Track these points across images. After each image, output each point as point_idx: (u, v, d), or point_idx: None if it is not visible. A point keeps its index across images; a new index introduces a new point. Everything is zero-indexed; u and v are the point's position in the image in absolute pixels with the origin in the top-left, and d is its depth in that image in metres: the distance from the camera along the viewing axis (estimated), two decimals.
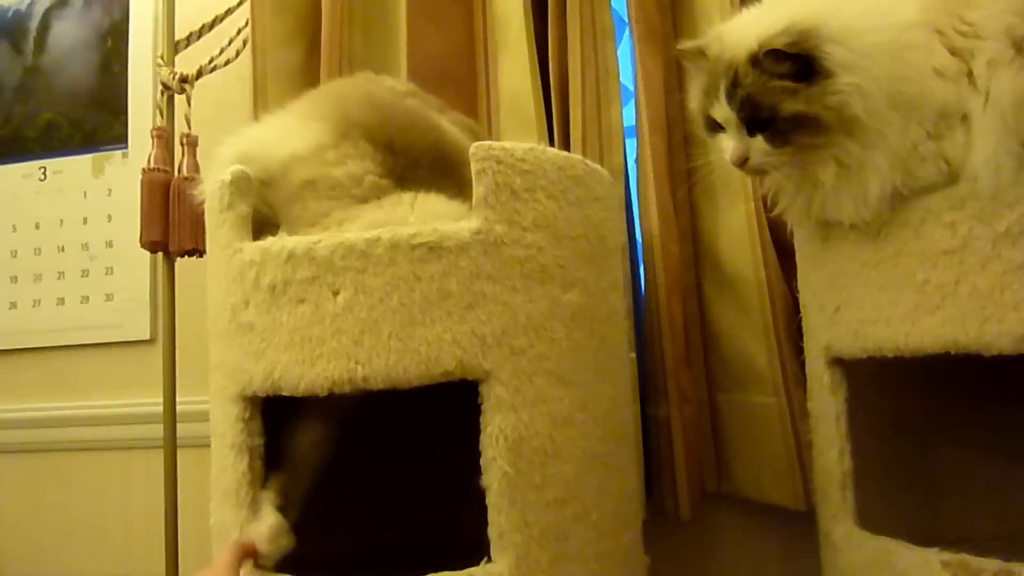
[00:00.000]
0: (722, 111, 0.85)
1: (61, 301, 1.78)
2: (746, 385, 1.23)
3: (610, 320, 0.95)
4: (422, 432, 1.08)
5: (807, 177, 0.84)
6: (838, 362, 0.91)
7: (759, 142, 0.83)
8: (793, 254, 1.03)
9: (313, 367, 0.80)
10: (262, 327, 0.83)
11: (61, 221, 1.80)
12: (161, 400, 1.33)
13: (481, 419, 0.81)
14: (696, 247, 1.30)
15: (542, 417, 0.82)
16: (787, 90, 0.80)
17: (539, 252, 0.85)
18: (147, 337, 1.71)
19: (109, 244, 1.76)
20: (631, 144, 1.32)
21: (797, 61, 0.79)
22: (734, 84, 0.83)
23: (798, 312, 1.03)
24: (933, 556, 0.77)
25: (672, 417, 1.22)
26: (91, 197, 1.79)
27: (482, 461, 0.80)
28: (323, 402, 0.82)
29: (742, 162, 0.85)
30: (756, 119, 0.82)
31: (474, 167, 0.83)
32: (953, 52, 0.78)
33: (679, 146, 1.31)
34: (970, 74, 0.77)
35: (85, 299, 1.76)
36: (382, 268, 0.80)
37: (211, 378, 0.92)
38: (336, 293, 0.81)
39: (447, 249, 0.81)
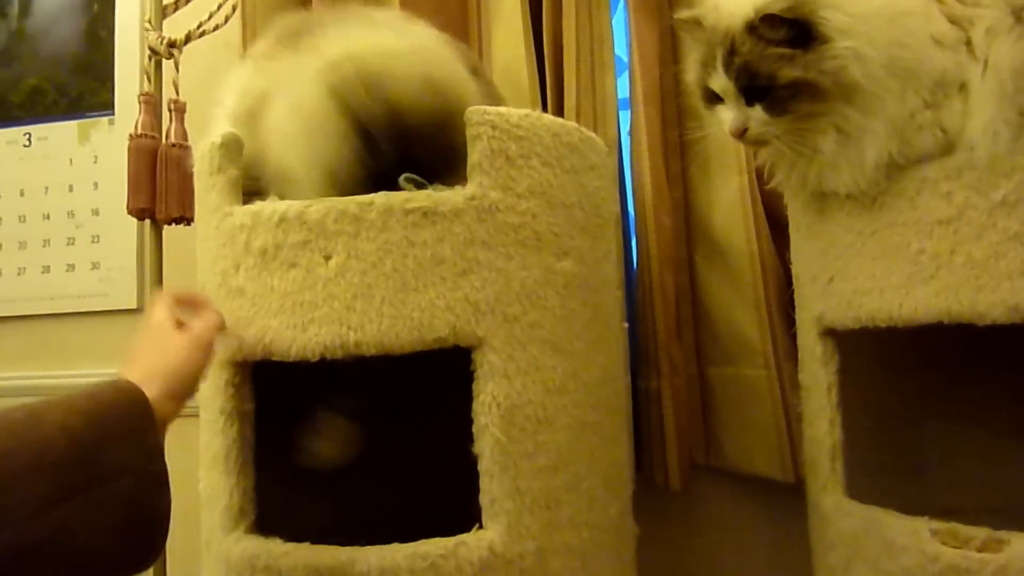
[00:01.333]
0: (720, 81, 0.84)
1: (47, 269, 1.76)
2: (737, 358, 1.23)
3: (603, 289, 0.95)
4: (415, 399, 1.08)
5: (806, 146, 0.83)
6: (830, 333, 0.91)
7: (758, 111, 0.82)
8: (786, 227, 1.03)
9: (304, 332, 0.79)
10: (253, 292, 0.82)
11: (46, 188, 1.77)
12: None
13: (474, 386, 0.80)
14: (689, 220, 1.30)
15: (535, 385, 0.82)
16: (784, 57, 0.79)
17: (533, 219, 0.84)
18: (134, 306, 1.69)
19: (95, 212, 1.74)
20: (625, 116, 1.31)
21: (794, 27, 0.79)
22: (731, 53, 0.82)
23: (790, 285, 1.03)
24: (922, 525, 0.78)
25: (663, 389, 1.23)
26: (77, 164, 1.76)
27: (474, 428, 0.80)
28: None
29: (741, 132, 0.84)
30: (754, 88, 0.81)
31: (469, 132, 0.82)
32: (952, 20, 0.78)
33: (673, 118, 1.30)
34: (969, 42, 0.77)
35: (71, 267, 1.74)
36: (375, 233, 0.79)
37: None
38: (328, 258, 0.80)
39: (441, 215, 0.80)
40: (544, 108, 1.27)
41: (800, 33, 0.78)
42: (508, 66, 1.27)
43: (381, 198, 0.80)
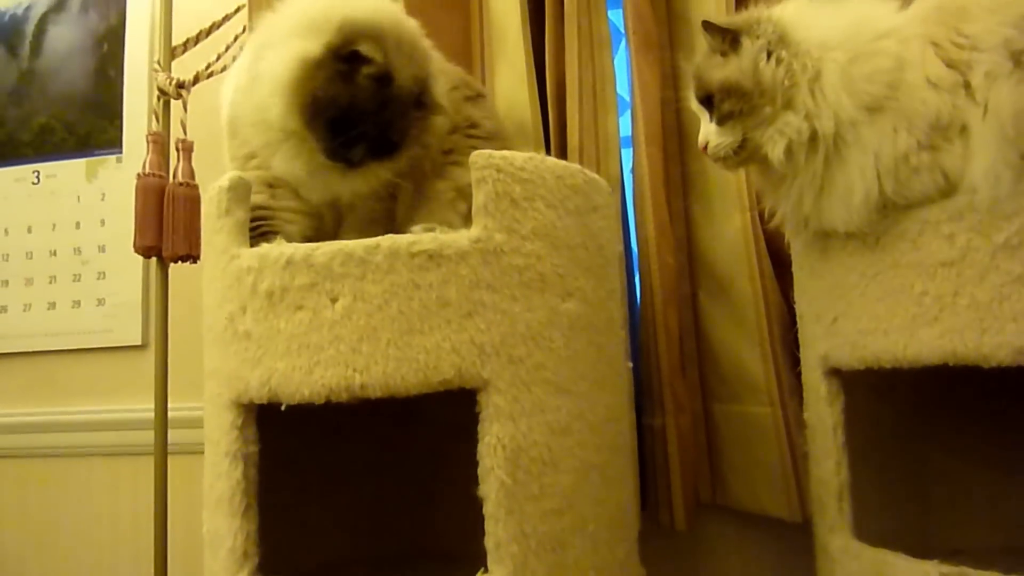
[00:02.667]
0: (694, 101, 0.90)
1: (52, 305, 1.76)
2: (741, 395, 1.23)
3: (608, 329, 0.95)
4: (420, 440, 1.08)
5: (758, 157, 0.86)
6: (835, 373, 0.91)
7: (713, 125, 0.87)
8: (789, 265, 1.03)
9: (311, 375, 0.79)
10: (259, 334, 0.82)
11: (54, 225, 1.79)
12: (151, 406, 1.32)
13: (479, 428, 0.80)
14: (691, 257, 1.31)
15: (540, 426, 0.82)
16: (718, 63, 0.86)
17: (538, 261, 0.85)
18: (138, 342, 1.70)
19: (101, 248, 1.75)
20: (627, 153, 1.32)
21: (726, 33, 0.85)
22: (695, 71, 0.89)
23: (794, 323, 1.04)
24: (932, 568, 0.77)
25: (668, 427, 1.22)
26: (84, 201, 1.78)
27: (479, 471, 0.80)
28: None
29: (705, 147, 0.88)
30: (705, 100, 0.87)
31: (474, 175, 0.83)
32: (949, 64, 0.79)
33: (675, 156, 1.32)
34: (968, 85, 0.78)
35: (76, 303, 1.75)
36: (381, 275, 0.80)
37: (205, 385, 0.91)
38: (334, 300, 0.80)
39: (446, 257, 0.81)
40: (547, 147, 1.28)
41: (733, 40, 0.85)
42: (511, 105, 1.29)
43: (387, 240, 0.81)
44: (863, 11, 0.85)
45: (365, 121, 0.89)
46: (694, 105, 0.91)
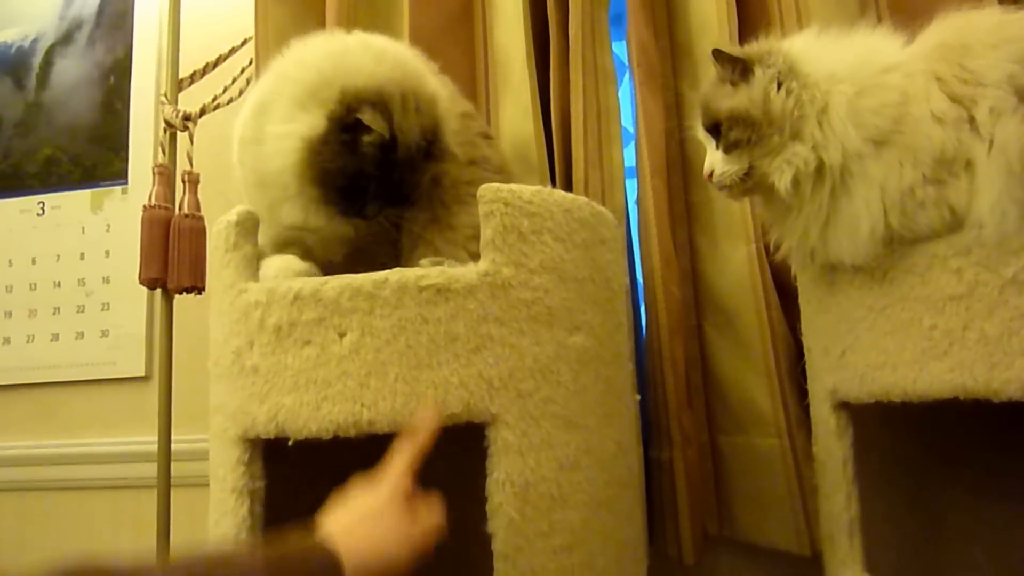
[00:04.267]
0: (700, 129, 0.91)
1: (55, 337, 1.76)
2: (748, 427, 1.22)
3: (615, 363, 0.94)
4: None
5: (765, 186, 0.86)
6: (844, 406, 0.90)
7: (719, 153, 0.87)
8: (795, 296, 1.03)
9: (318, 410, 0.79)
10: (266, 369, 0.82)
11: (58, 256, 1.79)
12: (154, 438, 1.31)
13: (487, 464, 0.80)
14: (697, 289, 1.31)
15: (549, 462, 0.82)
16: (727, 92, 0.86)
17: (546, 295, 0.85)
18: (142, 374, 1.69)
19: (106, 280, 1.76)
20: (631, 184, 1.32)
21: (736, 63, 0.86)
22: (702, 99, 0.89)
23: (801, 354, 1.03)
24: None
25: (675, 460, 1.21)
26: (89, 232, 1.78)
27: (488, 507, 0.79)
28: None
29: (710, 175, 0.88)
30: (712, 128, 0.87)
31: (482, 209, 0.83)
32: (954, 99, 0.80)
33: (679, 187, 1.32)
34: (972, 120, 0.78)
35: (80, 335, 1.75)
36: (389, 310, 0.80)
37: (211, 419, 0.91)
38: (342, 335, 0.80)
39: (455, 291, 0.81)
40: (552, 179, 1.28)
41: (743, 69, 0.86)
42: (517, 138, 1.30)
43: (395, 275, 0.81)
44: (870, 45, 0.86)
45: (375, 183, 0.91)
46: (700, 133, 0.91)
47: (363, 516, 0.70)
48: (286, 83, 0.95)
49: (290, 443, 0.81)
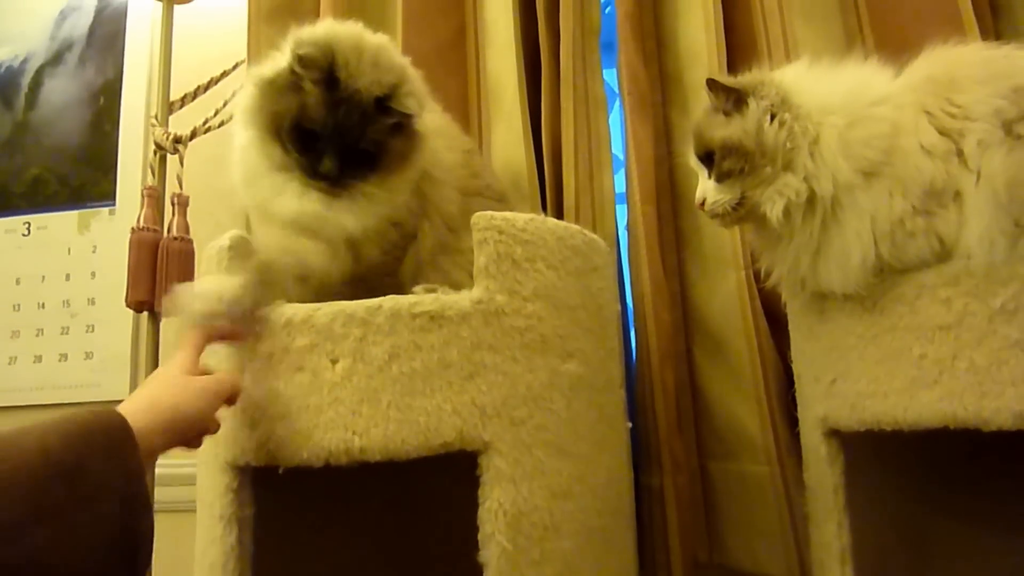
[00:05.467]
0: (691, 157, 0.91)
1: (39, 359, 1.74)
2: (739, 453, 1.22)
3: (607, 390, 0.95)
4: (419, 504, 1.06)
5: (756, 215, 0.87)
6: (835, 434, 0.91)
7: (711, 181, 0.87)
8: (785, 323, 1.04)
9: (309, 438, 0.78)
10: (258, 396, 0.81)
11: (43, 277, 1.77)
12: None
13: (480, 492, 0.79)
14: (686, 314, 1.31)
15: (541, 490, 0.81)
16: (720, 122, 0.87)
17: (539, 322, 0.85)
18: (126, 397, 1.67)
19: (91, 301, 1.74)
20: (622, 209, 1.33)
21: (731, 93, 0.86)
22: (695, 128, 0.91)
23: (791, 381, 1.04)
24: None
25: (666, 487, 1.21)
26: (75, 253, 1.77)
27: (480, 536, 0.78)
28: None
29: (702, 204, 0.89)
30: (705, 156, 0.88)
31: (476, 237, 0.83)
32: (942, 132, 0.81)
33: (668, 213, 1.33)
34: (960, 153, 0.80)
35: (63, 357, 1.73)
36: (382, 336, 0.79)
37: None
38: (335, 362, 0.80)
39: (448, 318, 0.80)
40: (543, 205, 1.29)
41: (737, 99, 0.87)
42: (509, 164, 1.30)
43: (388, 301, 0.81)
44: (860, 77, 0.87)
45: (324, 127, 0.89)
46: (692, 161, 0.92)
47: (151, 382, 0.74)
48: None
49: (280, 471, 0.80)
